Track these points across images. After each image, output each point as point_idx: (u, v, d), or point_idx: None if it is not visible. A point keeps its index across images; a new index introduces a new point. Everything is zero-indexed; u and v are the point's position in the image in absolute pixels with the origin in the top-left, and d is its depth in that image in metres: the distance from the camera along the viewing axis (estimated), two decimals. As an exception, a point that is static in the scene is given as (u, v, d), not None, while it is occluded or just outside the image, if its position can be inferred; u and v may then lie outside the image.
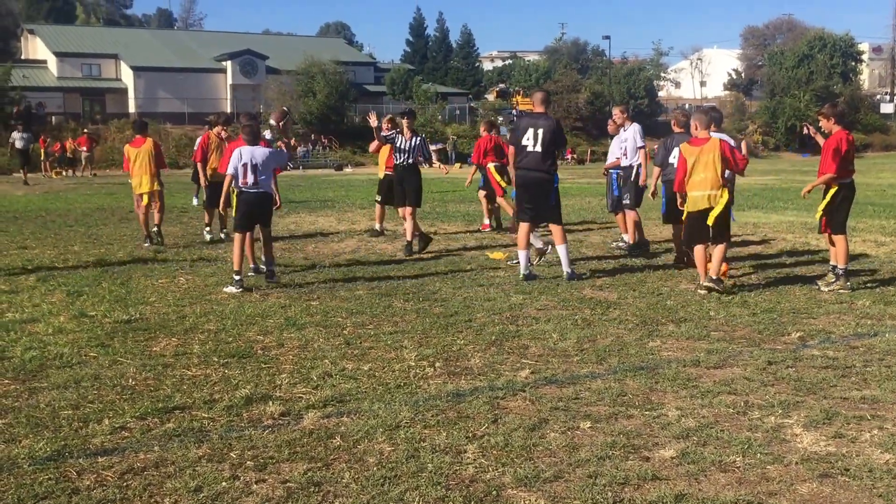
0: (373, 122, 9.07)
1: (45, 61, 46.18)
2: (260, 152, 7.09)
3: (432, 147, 13.80)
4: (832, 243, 7.06)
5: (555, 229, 7.50)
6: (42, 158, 29.67)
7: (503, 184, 10.75)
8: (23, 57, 49.52)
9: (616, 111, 9.52)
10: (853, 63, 59.93)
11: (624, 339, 5.37)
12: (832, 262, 7.12)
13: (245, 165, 7.00)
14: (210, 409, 4.01)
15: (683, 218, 7.05)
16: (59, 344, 5.19)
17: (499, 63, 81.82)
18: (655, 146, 8.93)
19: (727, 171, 6.84)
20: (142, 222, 9.93)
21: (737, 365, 4.76)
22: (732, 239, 9.57)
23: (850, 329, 5.62)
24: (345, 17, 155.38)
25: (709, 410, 3.99)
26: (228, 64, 47.35)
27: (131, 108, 44.11)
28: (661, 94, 58.96)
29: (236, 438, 3.63)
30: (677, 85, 69.22)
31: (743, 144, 8.62)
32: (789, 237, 10.55)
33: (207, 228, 10.52)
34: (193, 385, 4.38)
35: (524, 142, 7.27)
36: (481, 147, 11.09)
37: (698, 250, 6.90)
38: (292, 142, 9.32)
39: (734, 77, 67.02)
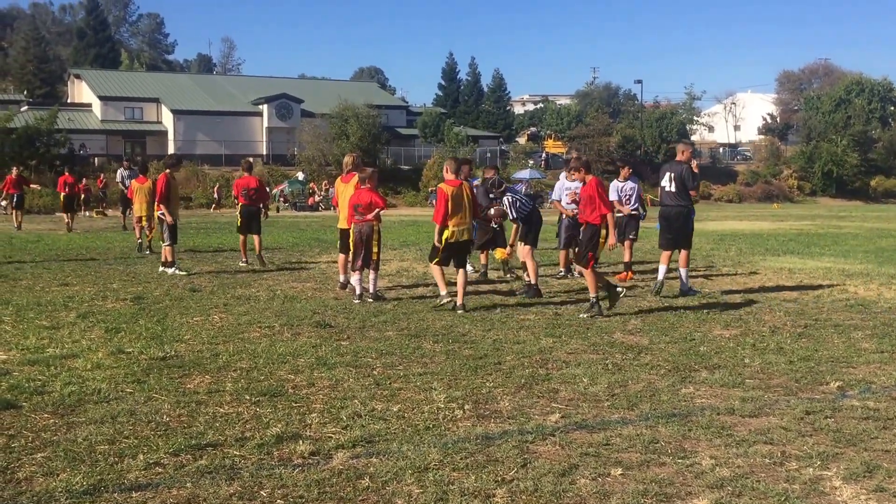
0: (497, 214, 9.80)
1: (89, 105, 48.17)
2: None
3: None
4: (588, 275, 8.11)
5: (684, 254, 9.23)
6: (82, 199, 30.71)
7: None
8: (69, 100, 51.74)
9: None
10: (892, 108, 59.15)
11: (656, 384, 5.29)
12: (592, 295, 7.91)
13: None
14: (241, 446, 4.05)
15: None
16: (96, 379, 5.31)
17: (530, 107, 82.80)
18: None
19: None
20: (137, 233, 14.37)
21: (773, 414, 4.65)
22: (768, 284, 10.24)
23: (891, 379, 5.46)
24: (378, 61, 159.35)
25: (744, 460, 3.90)
26: (265, 107, 48.80)
27: (170, 150, 45.53)
28: (694, 137, 58.79)
29: (266, 477, 3.66)
30: (710, 129, 69.00)
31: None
32: (826, 283, 10.33)
33: (173, 268, 10.92)
34: (225, 422, 4.44)
35: (662, 183, 9.15)
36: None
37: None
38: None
39: (769, 121, 66.61)
